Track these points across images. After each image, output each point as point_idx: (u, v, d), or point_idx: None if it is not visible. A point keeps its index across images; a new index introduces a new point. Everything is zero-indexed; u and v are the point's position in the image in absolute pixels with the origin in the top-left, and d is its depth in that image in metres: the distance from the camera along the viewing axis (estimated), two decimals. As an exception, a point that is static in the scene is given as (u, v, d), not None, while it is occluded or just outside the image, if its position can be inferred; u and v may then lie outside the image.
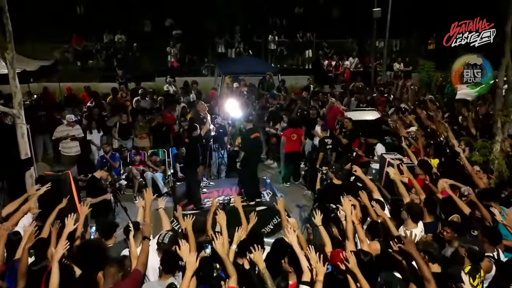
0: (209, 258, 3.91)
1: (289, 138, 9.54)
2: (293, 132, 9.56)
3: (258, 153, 8.53)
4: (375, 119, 10.55)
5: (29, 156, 6.21)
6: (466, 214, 4.99)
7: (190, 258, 3.44)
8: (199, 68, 18.07)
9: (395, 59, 17.90)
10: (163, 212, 4.76)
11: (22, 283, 3.61)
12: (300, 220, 8.00)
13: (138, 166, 9.27)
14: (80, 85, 14.56)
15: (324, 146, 9.19)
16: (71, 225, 3.91)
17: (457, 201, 5.12)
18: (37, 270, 3.59)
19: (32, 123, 10.59)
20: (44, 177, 5.45)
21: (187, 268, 3.41)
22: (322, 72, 17.79)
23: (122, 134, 10.13)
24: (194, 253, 3.54)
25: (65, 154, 9.13)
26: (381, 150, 8.45)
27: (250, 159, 7.99)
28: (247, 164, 8.10)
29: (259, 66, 15.40)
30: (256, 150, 8.23)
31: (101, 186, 6.37)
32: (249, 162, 8.07)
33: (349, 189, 6.07)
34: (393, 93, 12.65)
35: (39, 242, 4.09)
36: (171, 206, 8.36)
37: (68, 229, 3.87)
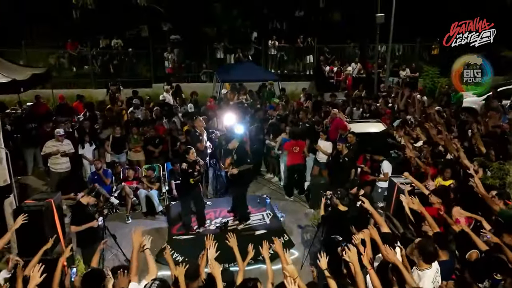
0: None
1: (291, 151, 9.13)
2: (295, 144, 9.16)
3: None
4: (380, 131, 10.12)
5: (9, 182, 5.75)
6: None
7: None
8: (197, 74, 17.62)
9: (400, 65, 17.46)
10: (149, 253, 4.29)
11: None
12: (302, 242, 7.56)
13: (131, 183, 8.80)
14: (75, 92, 14.17)
15: (352, 161, 8.59)
16: (36, 277, 3.42)
17: (473, 237, 4.66)
18: None
19: (22, 136, 10.31)
20: (23, 208, 4.98)
21: None
22: (323, 78, 17.37)
23: (116, 147, 9.66)
24: None
25: (55, 171, 8.65)
26: (388, 167, 8.02)
27: (245, 177, 7.63)
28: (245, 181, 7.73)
29: (259, 73, 14.97)
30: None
31: (88, 212, 5.88)
32: (246, 179, 7.71)
33: (356, 218, 5.67)
34: (398, 104, 12.16)
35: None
36: (166, 227, 7.98)
37: (34, 282, 3.39)
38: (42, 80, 12.21)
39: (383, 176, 7.95)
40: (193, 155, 7.24)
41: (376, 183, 8.12)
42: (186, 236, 7.39)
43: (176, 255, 6.89)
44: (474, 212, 5.52)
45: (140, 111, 11.60)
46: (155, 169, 9.27)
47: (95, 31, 17.90)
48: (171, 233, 7.58)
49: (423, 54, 19.23)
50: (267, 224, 7.81)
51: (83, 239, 5.89)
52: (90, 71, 17.05)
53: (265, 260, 6.48)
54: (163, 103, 12.66)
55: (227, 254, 4.55)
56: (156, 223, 8.26)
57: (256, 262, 6.67)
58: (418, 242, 4.43)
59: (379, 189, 8.05)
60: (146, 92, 15.11)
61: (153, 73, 17.17)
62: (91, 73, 16.97)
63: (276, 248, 4.31)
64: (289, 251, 7.01)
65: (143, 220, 8.35)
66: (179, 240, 7.31)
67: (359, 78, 16.96)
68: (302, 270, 6.45)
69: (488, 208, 5.63)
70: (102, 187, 8.31)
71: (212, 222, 7.80)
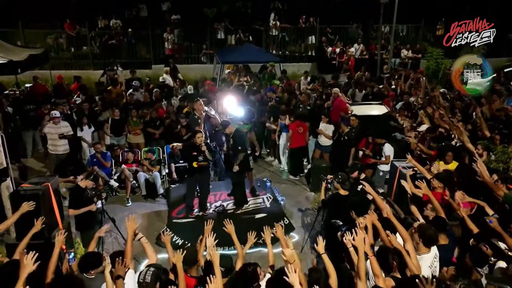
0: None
1: (296, 131, 9.15)
2: (300, 125, 9.17)
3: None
4: (383, 114, 9.99)
5: (4, 166, 5.68)
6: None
7: None
8: (197, 56, 17.36)
9: (402, 45, 17.13)
10: (145, 241, 4.25)
11: None
12: (302, 226, 7.53)
13: (131, 166, 8.74)
14: (74, 73, 13.99)
15: (351, 140, 8.68)
16: (30, 265, 3.36)
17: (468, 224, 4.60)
18: None
19: (21, 118, 10.20)
20: (20, 192, 4.91)
21: None
22: (325, 60, 17.10)
23: (115, 130, 9.58)
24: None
25: (53, 153, 8.57)
26: (389, 150, 7.91)
27: (245, 162, 7.56)
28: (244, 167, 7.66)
29: (260, 55, 14.72)
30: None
31: (86, 196, 5.82)
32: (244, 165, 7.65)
33: (357, 202, 5.61)
34: (401, 86, 11.97)
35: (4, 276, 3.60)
36: (166, 210, 7.95)
37: (27, 270, 3.34)
38: (40, 61, 12.15)
39: (384, 160, 7.86)
40: (200, 139, 7.15)
41: (378, 166, 8.03)
42: (186, 220, 7.36)
43: (176, 238, 6.87)
44: (476, 197, 5.45)
45: (140, 93, 11.44)
46: (154, 151, 9.19)
47: (93, 11, 17.56)
48: (171, 216, 7.55)
49: (427, 35, 18.89)
50: (267, 207, 7.77)
51: (82, 222, 5.85)
52: (88, 52, 16.81)
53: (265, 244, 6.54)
54: (162, 85, 12.50)
55: (226, 238, 4.50)
56: (156, 206, 8.23)
57: (256, 245, 6.65)
58: (418, 226, 4.39)
59: (380, 172, 7.97)
60: (145, 73, 14.93)
61: (152, 54, 16.92)
62: (90, 54, 16.74)
63: (277, 233, 4.24)
64: (289, 235, 7.03)
65: (143, 203, 8.33)
66: (179, 223, 7.28)
67: (362, 60, 16.71)
68: (302, 253, 6.45)
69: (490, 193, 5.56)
70: (101, 170, 8.27)
71: (212, 206, 7.76)
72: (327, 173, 6.80)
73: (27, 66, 11.07)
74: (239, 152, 7.36)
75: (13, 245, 4.73)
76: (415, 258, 3.98)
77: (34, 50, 11.83)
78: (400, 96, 11.17)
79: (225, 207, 7.66)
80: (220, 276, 3.51)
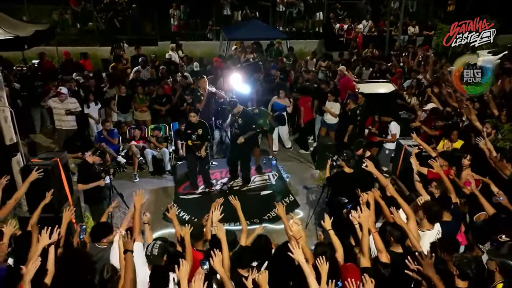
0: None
1: (307, 106, 9.45)
2: (307, 100, 9.55)
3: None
4: (390, 92, 9.91)
5: (15, 141, 5.76)
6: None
7: (196, 284, 3.05)
8: (203, 32, 17.17)
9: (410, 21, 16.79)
10: (149, 228, 4.36)
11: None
12: (307, 203, 7.62)
13: (138, 143, 8.83)
14: (80, 49, 13.96)
15: (355, 117, 8.66)
16: (45, 239, 3.47)
17: (481, 200, 4.62)
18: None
19: (29, 94, 10.26)
20: (30, 167, 5.01)
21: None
22: (333, 37, 16.86)
23: (121, 107, 9.62)
24: (201, 277, 3.11)
25: (61, 129, 8.66)
26: (396, 128, 7.90)
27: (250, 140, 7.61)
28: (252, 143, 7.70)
29: (267, 31, 14.53)
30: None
31: (94, 171, 5.93)
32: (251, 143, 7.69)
33: (361, 180, 5.65)
34: (409, 63, 11.81)
35: (19, 247, 3.72)
36: (172, 186, 8.07)
37: (42, 244, 3.45)
38: (46, 37, 12.04)
39: (390, 138, 7.86)
40: (195, 118, 7.16)
41: (384, 144, 8.04)
42: (192, 196, 7.48)
43: (182, 213, 7.01)
44: (482, 175, 5.46)
45: (146, 70, 11.42)
46: (161, 129, 9.24)
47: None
48: (177, 192, 7.67)
49: (438, 11, 18.48)
50: (273, 184, 7.85)
51: (91, 197, 5.97)
52: (94, 28, 16.69)
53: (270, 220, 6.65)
54: (169, 62, 12.45)
55: (231, 214, 4.58)
56: (163, 182, 8.34)
57: (261, 221, 6.80)
58: (424, 203, 4.43)
59: (386, 150, 7.98)
60: (151, 50, 14.83)
61: (158, 31, 16.76)
62: (96, 30, 16.63)
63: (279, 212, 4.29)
64: (294, 211, 7.13)
65: (150, 179, 8.44)
66: (186, 199, 7.40)
67: (370, 37, 16.47)
68: (307, 229, 6.55)
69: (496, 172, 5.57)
70: (108, 146, 8.36)
71: (218, 182, 7.86)
72: (332, 151, 6.83)
73: (33, 42, 10.94)
74: (250, 131, 7.38)
75: (25, 218, 4.86)
76: (417, 235, 4.04)
77: (40, 26, 11.64)
78: (408, 74, 11.04)
79: (230, 184, 7.75)
80: (226, 250, 3.60)
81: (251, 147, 7.79)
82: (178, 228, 4.21)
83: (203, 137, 7.29)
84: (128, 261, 3.36)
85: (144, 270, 3.51)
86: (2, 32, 9.50)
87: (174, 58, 12.97)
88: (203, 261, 3.49)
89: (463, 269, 3.27)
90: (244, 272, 3.58)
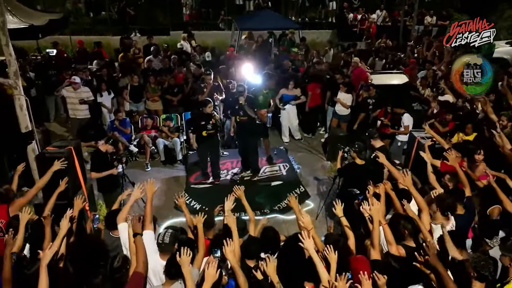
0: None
1: (314, 92, 9.58)
2: (316, 86, 9.58)
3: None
4: (403, 83, 9.80)
5: (30, 129, 5.85)
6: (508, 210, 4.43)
7: (210, 270, 3.11)
8: (215, 22, 17.11)
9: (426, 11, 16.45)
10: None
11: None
12: (318, 194, 7.61)
13: (150, 132, 8.90)
14: (93, 39, 14.02)
15: (366, 106, 8.73)
16: (65, 228, 3.55)
17: (500, 194, 4.54)
18: (30, 275, 3.25)
19: (43, 84, 10.40)
20: (45, 154, 5.09)
21: (206, 280, 3.10)
22: (346, 27, 16.65)
23: (134, 96, 9.68)
24: (214, 264, 3.17)
25: (74, 118, 8.77)
26: (408, 120, 7.81)
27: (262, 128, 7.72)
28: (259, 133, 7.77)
29: (280, 22, 14.40)
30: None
31: (107, 160, 6.00)
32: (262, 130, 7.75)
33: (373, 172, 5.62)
34: (424, 54, 11.63)
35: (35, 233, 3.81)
36: (184, 176, 8.13)
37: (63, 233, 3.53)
38: (60, 26, 12.21)
39: (403, 129, 7.78)
40: (210, 108, 7.18)
41: (396, 136, 7.96)
42: (203, 185, 7.52)
43: (193, 203, 7.07)
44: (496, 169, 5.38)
45: (158, 59, 11.44)
46: (172, 119, 9.29)
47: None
48: (188, 181, 7.72)
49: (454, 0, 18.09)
50: (283, 175, 7.85)
51: (103, 185, 6.06)
52: (107, 18, 16.76)
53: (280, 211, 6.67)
54: (180, 52, 12.45)
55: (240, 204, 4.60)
56: (174, 171, 8.41)
57: (271, 212, 6.83)
58: (437, 195, 4.40)
59: (398, 142, 7.90)
60: (163, 40, 14.84)
61: (170, 20, 16.75)
62: (109, 20, 16.69)
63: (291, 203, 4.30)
64: (305, 202, 7.14)
65: (162, 168, 8.52)
66: (197, 188, 7.45)
67: (384, 27, 16.21)
68: (317, 220, 6.56)
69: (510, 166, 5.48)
70: (121, 136, 8.45)
71: (229, 173, 7.89)
72: (344, 142, 6.80)
73: (47, 31, 11.17)
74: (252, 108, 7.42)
75: (40, 205, 4.96)
76: (429, 227, 4.01)
77: (54, 15, 11.88)
78: (423, 65, 10.88)
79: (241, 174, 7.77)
80: (237, 239, 3.63)
81: (258, 136, 7.80)
82: (188, 216, 4.25)
83: (217, 125, 7.38)
84: (139, 244, 3.41)
85: (155, 258, 3.56)
86: (18, 21, 9.71)
87: (186, 48, 12.97)
88: (214, 249, 3.53)
89: (480, 271, 3.22)
90: (251, 263, 3.62)
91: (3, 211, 4.36)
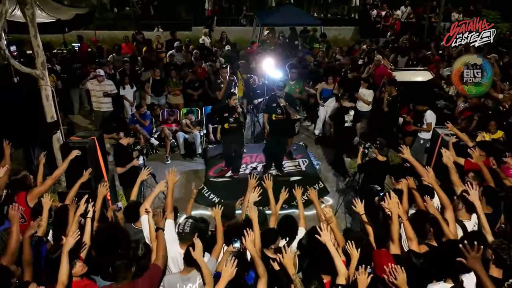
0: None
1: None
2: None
3: None
4: (427, 80, 9.59)
5: (55, 119, 5.99)
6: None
7: (228, 269, 3.11)
8: (237, 18, 17.13)
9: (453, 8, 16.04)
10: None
11: (28, 273, 3.36)
12: (337, 190, 7.56)
13: (170, 126, 8.99)
14: (117, 34, 14.25)
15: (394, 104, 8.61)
16: (81, 210, 3.64)
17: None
18: (54, 259, 3.32)
19: (68, 77, 10.64)
20: (69, 144, 5.21)
21: (222, 277, 3.11)
22: (369, 24, 16.40)
23: (155, 90, 9.80)
24: (232, 263, 3.16)
25: (98, 110, 8.96)
26: (431, 117, 7.64)
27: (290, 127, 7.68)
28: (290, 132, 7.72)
29: (301, 18, 14.31)
30: None
31: (128, 153, 6.11)
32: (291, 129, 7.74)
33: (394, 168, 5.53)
34: (449, 51, 11.34)
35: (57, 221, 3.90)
36: (203, 169, 8.18)
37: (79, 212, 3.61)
38: (85, 21, 12.45)
39: (426, 127, 7.62)
40: (235, 101, 7.19)
41: (418, 134, 7.81)
42: (222, 179, 7.55)
43: (212, 196, 7.12)
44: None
45: (180, 54, 11.54)
46: (193, 112, 9.36)
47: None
48: (208, 175, 7.77)
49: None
50: (302, 170, 7.81)
51: (125, 177, 6.14)
52: (130, 13, 17.00)
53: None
54: (202, 47, 12.53)
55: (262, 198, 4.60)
56: (194, 165, 8.49)
57: (290, 207, 6.79)
58: (461, 192, 4.29)
59: (421, 140, 7.74)
60: (186, 35, 14.97)
61: (193, 15, 16.86)
62: (132, 15, 16.93)
63: (311, 196, 4.28)
64: (324, 198, 7.09)
65: (181, 161, 8.60)
66: (216, 182, 7.49)
67: (408, 23, 15.90)
68: (336, 216, 6.49)
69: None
70: (142, 128, 8.57)
71: (248, 167, 7.90)
72: (364, 139, 6.71)
73: (73, 26, 11.42)
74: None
75: (63, 193, 5.08)
76: (453, 226, 3.92)
77: (80, 10, 12.10)
78: (448, 62, 10.61)
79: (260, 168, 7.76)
80: (258, 230, 3.63)
81: (290, 134, 7.77)
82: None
83: (239, 120, 7.35)
84: (160, 239, 3.46)
85: (175, 247, 3.60)
86: (45, 15, 9.93)
87: (207, 43, 13.05)
88: (234, 239, 3.55)
89: (500, 254, 3.09)
90: (269, 253, 3.62)
91: (22, 198, 4.42)
